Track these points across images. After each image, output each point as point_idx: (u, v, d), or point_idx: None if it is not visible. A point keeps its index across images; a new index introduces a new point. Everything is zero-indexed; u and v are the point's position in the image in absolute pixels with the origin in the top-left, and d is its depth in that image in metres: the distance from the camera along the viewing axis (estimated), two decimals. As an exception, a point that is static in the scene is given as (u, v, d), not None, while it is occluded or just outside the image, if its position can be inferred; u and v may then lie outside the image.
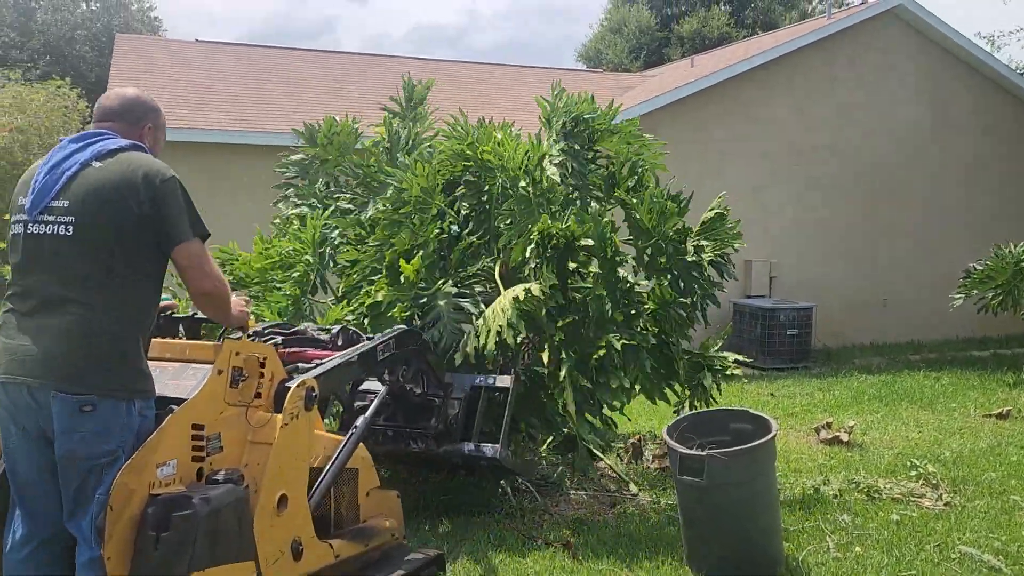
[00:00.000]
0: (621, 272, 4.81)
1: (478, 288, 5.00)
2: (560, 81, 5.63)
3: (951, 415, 7.82)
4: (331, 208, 5.39)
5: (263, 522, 2.65)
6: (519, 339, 4.42)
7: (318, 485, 2.98)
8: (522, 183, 4.82)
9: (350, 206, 5.37)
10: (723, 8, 31.64)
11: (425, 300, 4.56)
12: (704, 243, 5.20)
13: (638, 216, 4.97)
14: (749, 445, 3.98)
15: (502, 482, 5.05)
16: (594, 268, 4.80)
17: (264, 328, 3.45)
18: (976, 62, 12.79)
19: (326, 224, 5.25)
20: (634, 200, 5.02)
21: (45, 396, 2.50)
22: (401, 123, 5.83)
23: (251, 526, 2.58)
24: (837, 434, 6.75)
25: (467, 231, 5.06)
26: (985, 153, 12.96)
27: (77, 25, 35.42)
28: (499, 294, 4.60)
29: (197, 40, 14.97)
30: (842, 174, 12.21)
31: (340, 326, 3.57)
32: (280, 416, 2.74)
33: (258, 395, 2.78)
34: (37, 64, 32.46)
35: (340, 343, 3.44)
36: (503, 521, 4.72)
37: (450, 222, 5.00)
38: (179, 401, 2.62)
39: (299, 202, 5.68)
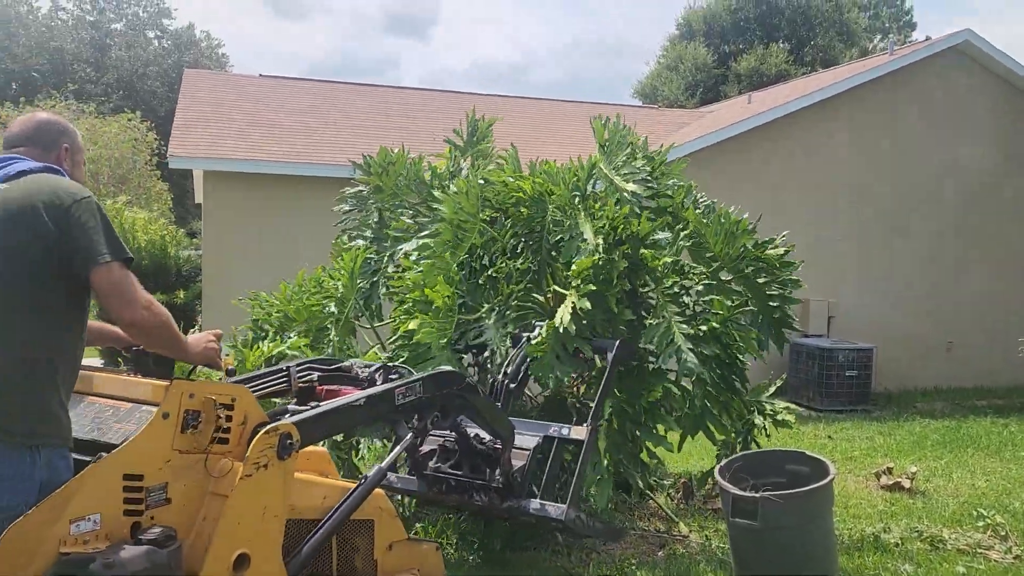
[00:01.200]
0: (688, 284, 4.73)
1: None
2: (620, 116, 5.64)
3: (1020, 464, 7.49)
4: (370, 239, 5.44)
5: None
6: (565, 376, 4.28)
7: (309, 539, 2.70)
8: (573, 193, 4.82)
9: (401, 235, 5.40)
10: (781, 46, 31.50)
11: (470, 330, 4.54)
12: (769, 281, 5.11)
13: (700, 234, 4.93)
14: (806, 488, 3.86)
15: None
16: (666, 259, 4.67)
17: (303, 363, 3.28)
18: (1046, 99, 12.45)
19: (373, 258, 5.30)
20: (704, 220, 4.98)
21: None
22: (462, 156, 5.91)
23: None
24: (898, 480, 6.51)
25: (517, 261, 5.05)
26: (1056, 193, 12.55)
27: (149, 61, 36.90)
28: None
29: (261, 75, 15.42)
30: (905, 213, 11.93)
31: (381, 364, 3.34)
32: (241, 467, 2.42)
33: (222, 440, 2.46)
34: (111, 98, 33.84)
35: (379, 382, 3.17)
36: (549, 558, 4.63)
37: (494, 251, 4.99)
38: (113, 447, 2.31)
39: (355, 234, 5.77)
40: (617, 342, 4.09)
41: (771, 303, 4.97)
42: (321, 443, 3.21)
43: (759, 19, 33.07)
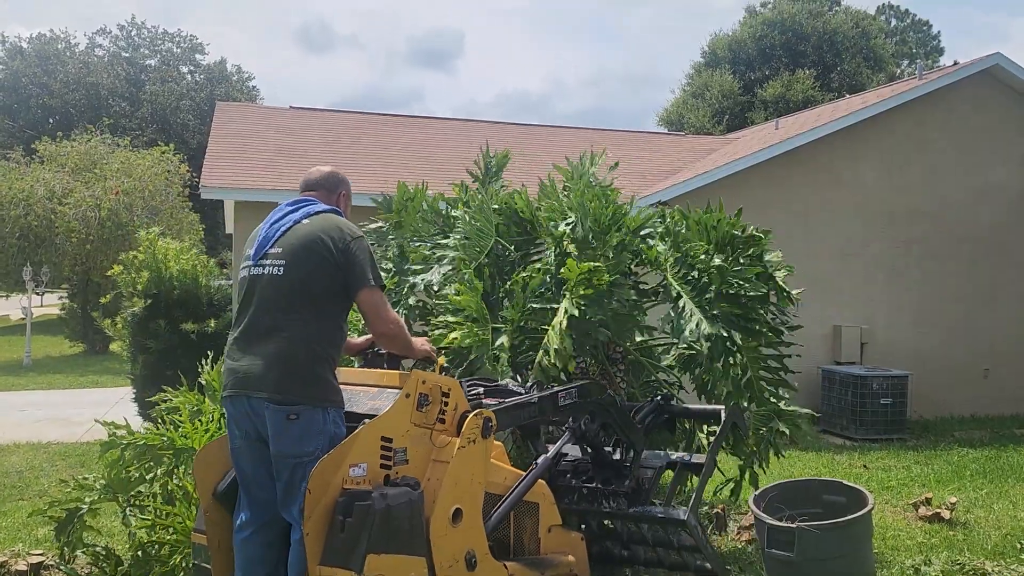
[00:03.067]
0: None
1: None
2: (587, 158, 5.76)
3: (1064, 495, 7.26)
4: (391, 271, 5.52)
5: (439, 530, 3.03)
6: (571, 364, 4.41)
7: (496, 510, 3.34)
8: (586, 218, 4.87)
9: (420, 268, 5.45)
10: (807, 72, 31.42)
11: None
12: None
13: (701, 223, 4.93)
14: (844, 519, 3.77)
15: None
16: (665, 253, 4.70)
17: (469, 380, 3.89)
18: (1080, 122, 12.26)
19: (393, 289, 5.38)
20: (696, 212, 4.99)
21: (260, 407, 3.05)
22: (481, 188, 5.98)
23: (423, 527, 2.96)
24: (938, 511, 6.34)
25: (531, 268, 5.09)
26: (1093, 216, 12.31)
27: (183, 95, 37.67)
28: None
29: (292, 107, 15.66)
30: (937, 237, 11.76)
31: (536, 381, 4.05)
32: (458, 440, 3.12)
33: (441, 420, 3.17)
34: (145, 131, 34.56)
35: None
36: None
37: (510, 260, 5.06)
38: (373, 417, 3.06)
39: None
40: (727, 409, 4.44)
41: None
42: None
43: (785, 46, 33.07)
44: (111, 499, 4.18)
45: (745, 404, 4.86)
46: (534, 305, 4.60)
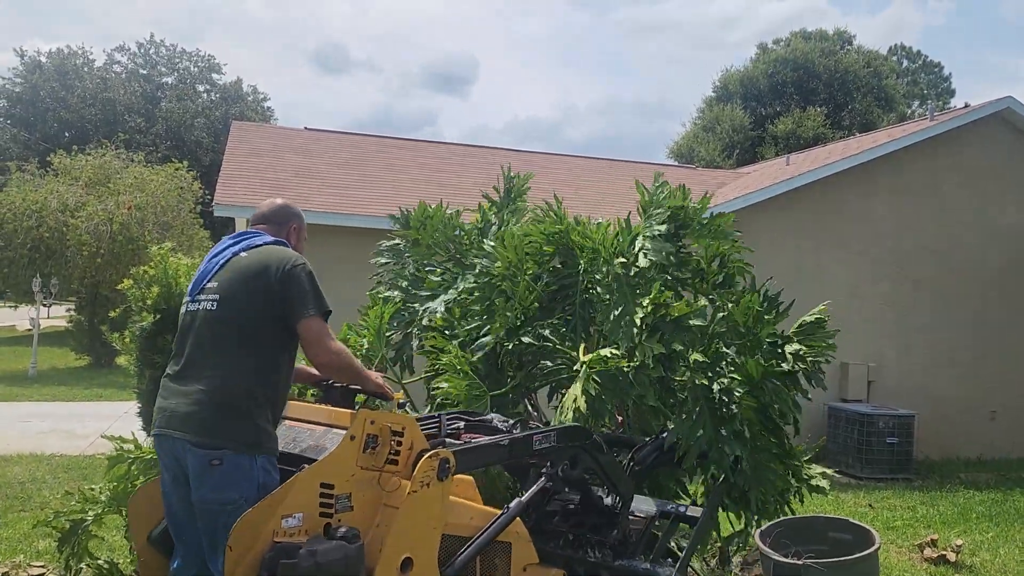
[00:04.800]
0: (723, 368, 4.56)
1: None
2: (662, 174, 5.56)
3: (1072, 541, 7.20)
4: (406, 290, 5.45)
5: None
6: (608, 408, 4.19)
7: (459, 555, 3.12)
8: (618, 261, 4.73)
9: (430, 295, 5.38)
10: (819, 109, 31.60)
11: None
12: (801, 348, 4.94)
13: (732, 316, 4.79)
14: (851, 556, 3.75)
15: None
16: (697, 356, 4.54)
17: (452, 413, 3.72)
18: (1091, 167, 12.29)
19: (405, 312, 5.31)
20: (730, 303, 4.85)
21: (182, 449, 2.89)
22: (497, 212, 5.93)
23: None
24: (943, 553, 6.29)
25: (554, 317, 4.99)
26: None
27: (198, 113, 38.04)
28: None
29: (306, 128, 15.79)
30: (947, 277, 11.76)
31: (521, 418, 3.86)
32: (409, 484, 2.89)
33: (393, 461, 2.94)
34: (159, 147, 34.86)
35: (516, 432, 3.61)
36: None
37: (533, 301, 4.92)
38: (312, 460, 2.86)
39: (391, 284, 5.79)
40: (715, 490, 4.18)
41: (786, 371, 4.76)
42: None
43: (796, 83, 33.31)
44: (116, 512, 4.17)
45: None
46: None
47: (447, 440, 3.30)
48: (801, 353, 4.76)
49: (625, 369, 4.21)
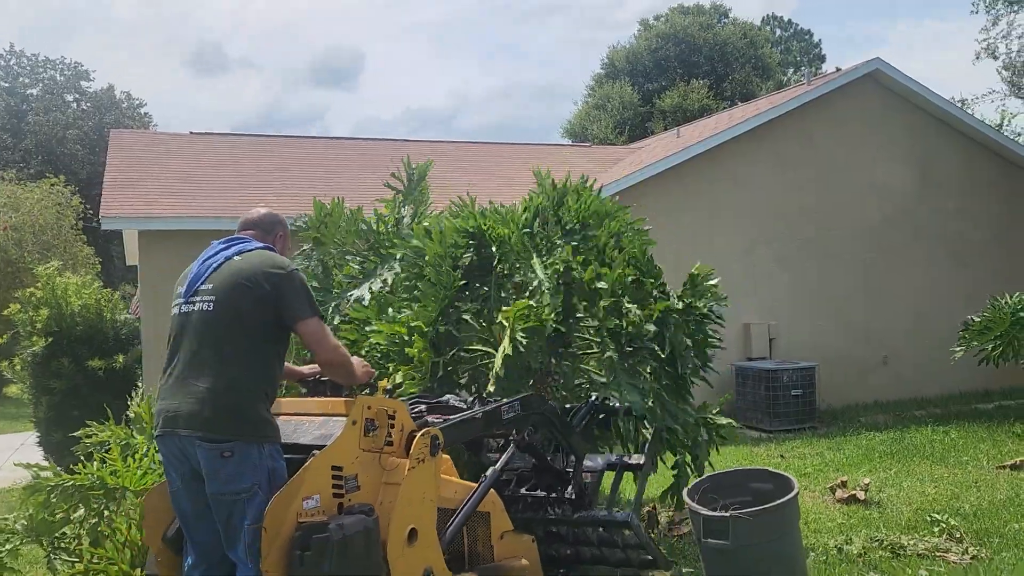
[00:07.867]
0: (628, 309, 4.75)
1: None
2: (549, 171, 5.63)
3: (964, 468, 7.74)
4: (317, 290, 5.42)
5: (395, 551, 3.06)
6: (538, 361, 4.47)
7: (450, 524, 3.40)
8: (524, 230, 4.89)
9: (350, 282, 5.37)
10: (702, 82, 32.55)
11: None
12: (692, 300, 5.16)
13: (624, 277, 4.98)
14: (774, 503, 3.93)
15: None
16: (605, 303, 4.71)
17: (411, 398, 3.94)
18: (954, 121, 13.12)
19: (320, 304, 5.28)
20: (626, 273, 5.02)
21: (191, 445, 3.02)
22: (404, 201, 5.94)
23: (380, 550, 2.99)
24: (853, 492, 6.66)
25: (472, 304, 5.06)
26: (972, 208, 13.17)
27: (69, 124, 35.99)
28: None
29: (191, 132, 15.24)
30: (832, 236, 12.35)
31: (477, 395, 4.17)
32: (408, 461, 3.16)
33: (389, 443, 3.19)
34: (30, 163, 32.88)
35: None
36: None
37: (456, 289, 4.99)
38: (321, 447, 3.05)
39: None
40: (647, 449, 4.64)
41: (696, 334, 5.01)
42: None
43: (679, 57, 34.19)
44: (33, 541, 3.99)
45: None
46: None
47: (429, 419, 3.53)
48: (691, 303, 4.99)
49: (544, 317, 4.47)
